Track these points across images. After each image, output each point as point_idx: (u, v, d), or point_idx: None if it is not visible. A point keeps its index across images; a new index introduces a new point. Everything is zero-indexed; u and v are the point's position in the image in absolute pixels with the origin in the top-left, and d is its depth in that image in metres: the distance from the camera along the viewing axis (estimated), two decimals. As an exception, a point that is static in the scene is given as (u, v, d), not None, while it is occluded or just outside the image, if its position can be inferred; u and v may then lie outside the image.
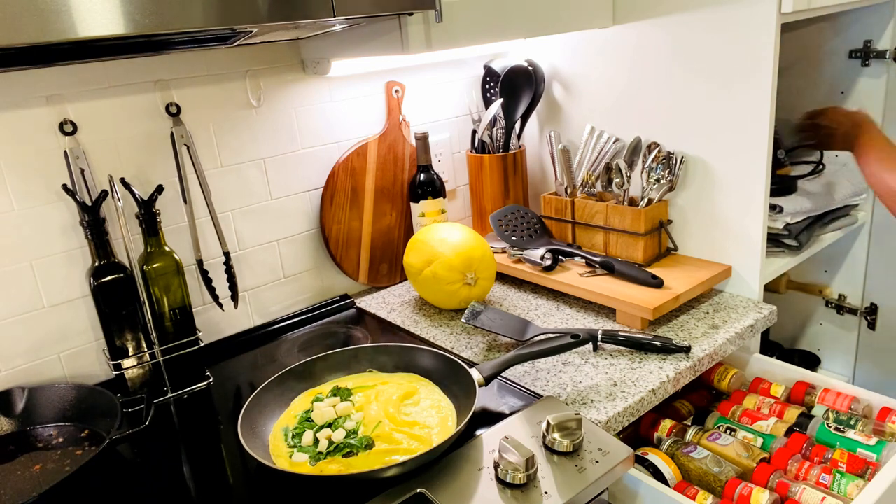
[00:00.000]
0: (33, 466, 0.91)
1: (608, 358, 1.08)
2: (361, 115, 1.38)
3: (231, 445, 0.94)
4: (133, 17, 0.69)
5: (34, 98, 1.02)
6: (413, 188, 1.42)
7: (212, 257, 1.20)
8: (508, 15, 1.12)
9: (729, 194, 1.22)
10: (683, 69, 1.22)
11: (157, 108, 1.13)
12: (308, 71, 1.28)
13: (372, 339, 1.24)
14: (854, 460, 0.96)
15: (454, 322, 1.26)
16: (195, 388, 1.12)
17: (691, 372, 1.05)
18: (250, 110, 1.23)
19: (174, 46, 1.05)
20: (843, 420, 1.05)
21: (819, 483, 0.93)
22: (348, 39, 1.14)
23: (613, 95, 1.37)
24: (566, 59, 1.44)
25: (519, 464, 0.78)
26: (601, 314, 1.23)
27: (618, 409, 0.94)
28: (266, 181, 1.28)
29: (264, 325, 1.32)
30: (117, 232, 1.06)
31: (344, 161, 1.35)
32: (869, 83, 1.48)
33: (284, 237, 1.33)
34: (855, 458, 0.96)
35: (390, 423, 0.89)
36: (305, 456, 0.85)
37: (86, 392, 1.02)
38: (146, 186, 1.11)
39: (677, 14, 1.21)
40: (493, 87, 1.49)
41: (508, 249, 1.40)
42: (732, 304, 1.22)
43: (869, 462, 0.96)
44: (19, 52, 0.83)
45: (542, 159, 1.58)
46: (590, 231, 1.38)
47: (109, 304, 1.04)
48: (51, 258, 1.07)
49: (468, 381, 0.93)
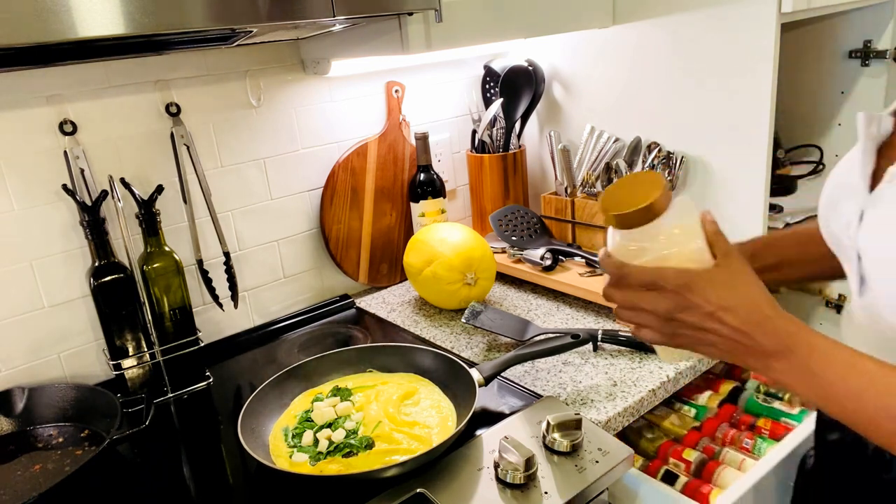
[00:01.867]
0: (33, 466, 0.91)
1: (608, 358, 1.08)
2: (361, 115, 1.38)
3: (231, 445, 0.94)
4: (133, 17, 0.69)
5: (34, 98, 1.02)
6: (413, 188, 1.42)
7: (212, 257, 1.19)
8: (508, 15, 1.12)
9: (729, 194, 1.22)
10: (683, 69, 1.22)
11: (157, 108, 1.13)
12: (308, 71, 1.28)
13: (372, 339, 1.24)
14: (777, 427, 1.05)
15: (454, 322, 1.26)
16: (195, 388, 1.12)
17: (691, 372, 1.05)
18: (250, 110, 1.23)
19: (174, 46, 1.05)
20: (772, 393, 1.14)
21: (743, 447, 1.03)
22: (348, 39, 1.14)
23: (613, 95, 1.37)
24: (566, 59, 1.44)
25: (519, 464, 0.77)
26: (601, 314, 1.23)
27: (618, 409, 0.94)
28: (266, 181, 1.28)
29: (264, 325, 1.32)
30: (117, 232, 1.06)
31: (344, 161, 1.35)
32: (869, 83, 1.48)
33: (284, 237, 1.33)
34: (778, 425, 1.05)
35: (390, 423, 0.89)
36: (305, 456, 0.85)
37: (86, 392, 1.02)
38: (146, 186, 1.11)
39: (677, 14, 1.20)
40: (493, 87, 1.49)
41: (508, 249, 1.40)
42: (732, 304, 1.22)
43: (790, 429, 1.02)
44: (19, 52, 0.83)
45: (542, 159, 1.58)
46: (590, 231, 1.38)
47: (109, 304, 1.04)
48: (51, 258, 1.07)
49: (468, 381, 0.93)
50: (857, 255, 0.59)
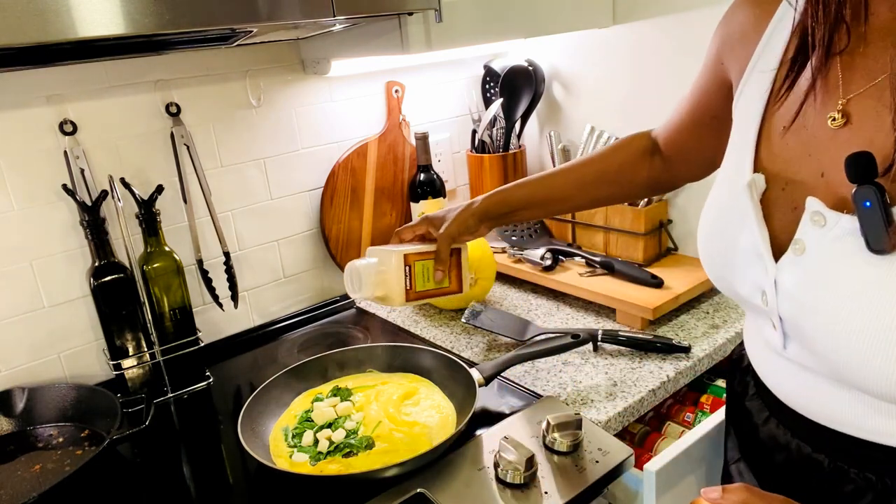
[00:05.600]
0: (33, 466, 0.91)
1: (608, 358, 1.08)
2: (361, 115, 1.38)
3: (231, 445, 0.94)
4: (133, 17, 0.69)
5: (34, 98, 1.02)
6: (413, 188, 1.42)
7: (212, 257, 1.19)
8: (508, 15, 1.12)
9: (729, 194, 1.22)
10: (683, 69, 1.22)
11: (157, 108, 1.13)
12: (308, 71, 1.28)
13: (372, 339, 1.24)
14: (717, 402, 1.09)
15: (454, 322, 1.26)
16: (195, 388, 1.12)
17: (691, 372, 1.05)
18: (250, 110, 1.23)
19: (174, 46, 1.05)
20: (718, 371, 1.16)
21: (684, 421, 1.11)
22: (348, 39, 1.14)
23: (613, 95, 1.37)
24: (566, 59, 1.44)
25: (519, 464, 0.77)
26: (601, 314, 1.23)
27: (618, 409, 0.94)
28: (266, 181, 1.28)
29: (264, 325, 1.32)
30: (117, 232, 1.06)
31: (344, 161, 1.35)
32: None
33: (284, 237, 1.33)
34: (718, 401, 1.09)
35: (390, 423, 0.89)
36: (305, 456, 0.85)
37: (86, 392, 1.02)
38: (146, 186, 1.10)
39: (677, 14, 1.20)
40: (493, 87, 1.49)
41: (508, 249, 1.40)
42: (733, 304, 1.22)
43: None
44: (19, 52, 0.82)
45: (542, 159, 1.58)
46: (590, 231, 1.38)
47: (109, 304, 1.04)
48: (51, 258, 1.07)
49: (468, 381, 0.93)
50: (778, 318, 0.60)
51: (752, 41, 0.65)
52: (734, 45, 0.70)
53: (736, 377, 0.78)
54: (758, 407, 0.71)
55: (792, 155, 0.60)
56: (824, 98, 0.57)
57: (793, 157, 0.60)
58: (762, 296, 0.61)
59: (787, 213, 0.60)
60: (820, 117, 0.58)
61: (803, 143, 0.59)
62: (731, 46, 0.71)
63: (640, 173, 0.94)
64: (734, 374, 0.79)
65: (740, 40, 0.68)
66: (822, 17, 0.56)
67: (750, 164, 0.63)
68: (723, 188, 0.68)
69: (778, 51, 0.62)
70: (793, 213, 0.59)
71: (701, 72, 0.80)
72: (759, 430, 0.70)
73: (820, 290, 0.55)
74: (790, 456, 0.66)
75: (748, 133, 0.64)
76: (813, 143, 0.58)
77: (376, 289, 0.92)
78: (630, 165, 0.94)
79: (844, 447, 0.60)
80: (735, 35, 0.70)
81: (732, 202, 0.64)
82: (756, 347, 0.70)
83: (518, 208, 0.97)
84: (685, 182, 0.96)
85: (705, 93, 0.79)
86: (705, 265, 0.70)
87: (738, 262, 0.64)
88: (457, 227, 0.94)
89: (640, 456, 1.03)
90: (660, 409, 1.17)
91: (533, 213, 0.99)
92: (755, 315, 0.67)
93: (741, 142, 0.65)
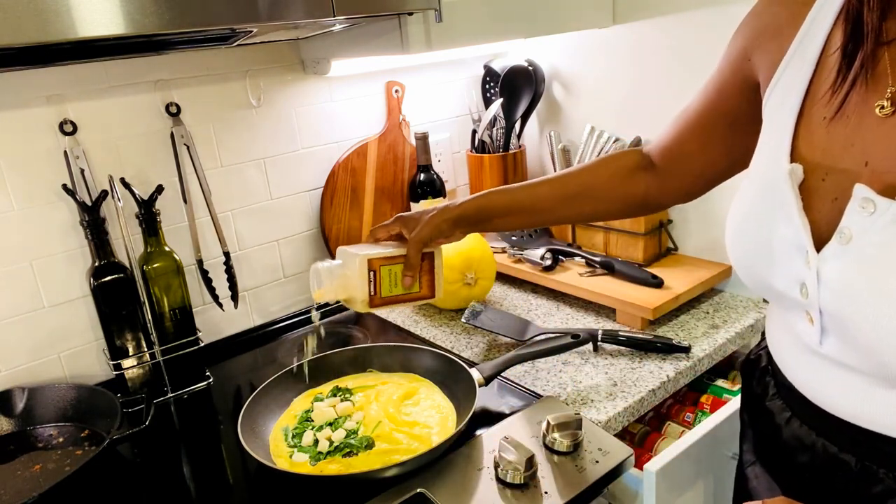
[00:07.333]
0: (33, 466, 0.91)
1: (608, 358, 1.08)
2: (361, 115, 1.38)
3: (231, 445, 0.94)
4: (133, 17, 0.69)
5: (34, 98, 1.02)
6: (413, 188, 1.42)
7: (212, 257, 1.19)
8: (508, 15, 1.12)
9: (729, 193, 1.22)
10: (683, 69, 1.22)
11: (157, 108, 1.13)
12: (308, 71, 1.28)
13: (372, 339, 1.24)
14: (717, 402, 1.09)
15: (454, 322, 1.26)
16: (195, 388, 1.12)
17: (691, 372, 1.05)
18: (250, 110, 1.23)
19: (174, 46, 1.05)
20: (718, 371, 1.19)
21: (684, 421, 1.12)
22: (348, 39, 1.14)
23: (613, 95, 1.37)
24: (566, 59, 1.44)
25: (519, 463, 0.78)
26: (601, 314, 1.23)
27: (618, 409, 0.94)
28: (266, 181, 1.28)
29: (264, 325, 1.32)
30: (117, 232, 1.06)
31: (344, 161, 1.35)
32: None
33: (284, 237, 1.33)
34: (718, 401, 1.10)
35: (390, 423, 0.89)
36: (305, 456, 0.85)
37: (86, 392, 1.02)
38: (146, 186, 1.10)
39: (677, 14, 1.20)
40: (493, 87, 1.49)
41: (508, 249, 1.40)
42: (733, 304, 1.22)
43: None
44: (19, 52, 0.82)
45: (542, 159, 1.58)
46: (590, 231, 1.38)
47: (109, 304, 1.04)
48: (51, 258, 1.07)
49: (468, 381, 0.93)
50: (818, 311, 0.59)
51: (787, 35, 0.64)
52: (766, 40, 0.69)
53: (754, 378, 0.76)
54: (779, 407, 0.70)
55: (833, 144, 0.59)
56: (872, 86, 0.57)
57: (834, 147, 0.59)
58: (801, 288, 0.60)
59: (826, 203, 0.59)
60: (866, 106, 0.57)
61: (846, 133, 0.58)
62: (762, 41, 0.69)
63: (628, 189, 0.91)
64: (751, 375, 0.77)
65: (774, 34, 0.67)
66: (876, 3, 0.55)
67: (787, 154, 0.62)
68: (755, 182, 0.67)
69: (818, 41, 0.61)
70: (833, 203, 0.58)
71: (717, 72, 0.78)
72: (781, 431, 0.69)
73: (868, 280, 0.54)
74: (815, 456, 0.64)
75: (785, 125, 0.63)
76: (858, 132, 0.57)
77: (338, 292, 0.89)
78: (619, 179, 0.91)
79: (875, 447, 0.59)
80: (769, 29, 0.68)
81: (768, 194, 0.63)
82: (782, 345, 0.69)
83: (497, 215, 0.93)
84: (673, 202, 0.93)
85: (720, 93, 0.78)
86: (735, 261, 0.69)
87: (775, 255, 0.63)
88: (429, 232, 0.90)
89: (640, 456, 1.03)
90: (660, 409, 1.17)
91: (513, 222, 0.95)
92: (786, 311, 0.66)
93: (776, 134, 0.64)
